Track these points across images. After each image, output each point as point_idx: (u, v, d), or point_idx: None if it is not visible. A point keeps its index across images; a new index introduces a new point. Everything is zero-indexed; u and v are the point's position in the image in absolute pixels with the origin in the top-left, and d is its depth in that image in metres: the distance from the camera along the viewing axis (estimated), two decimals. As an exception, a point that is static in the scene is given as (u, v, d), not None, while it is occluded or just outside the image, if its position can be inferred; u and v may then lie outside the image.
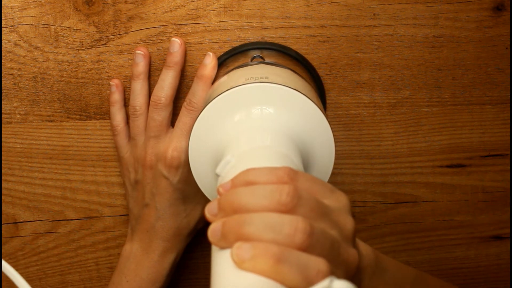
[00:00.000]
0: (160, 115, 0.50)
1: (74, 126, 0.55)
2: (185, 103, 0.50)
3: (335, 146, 0.57)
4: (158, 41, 0.54)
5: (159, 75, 0.55)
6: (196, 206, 0.50)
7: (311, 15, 0.55)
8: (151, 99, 0.51)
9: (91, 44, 0.54)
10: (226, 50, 0.54)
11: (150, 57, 0.53)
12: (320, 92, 0.51)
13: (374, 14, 0.55)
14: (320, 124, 0.43)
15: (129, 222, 0.53)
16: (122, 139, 0.52)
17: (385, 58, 0.56)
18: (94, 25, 0.54)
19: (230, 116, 0.42)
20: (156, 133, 0.50)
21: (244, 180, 0.30)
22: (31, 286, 0.57)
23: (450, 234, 0.59)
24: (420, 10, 0.55)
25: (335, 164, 0.57)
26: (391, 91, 0.56)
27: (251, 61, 0.50)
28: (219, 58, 0.52)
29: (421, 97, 0.57)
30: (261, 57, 0.51)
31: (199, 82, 0.49)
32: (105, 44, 0.54)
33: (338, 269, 0.28)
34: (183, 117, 0.50)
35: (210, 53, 0.50)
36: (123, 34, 0.54)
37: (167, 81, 0.51)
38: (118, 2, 0.54)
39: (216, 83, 0.49)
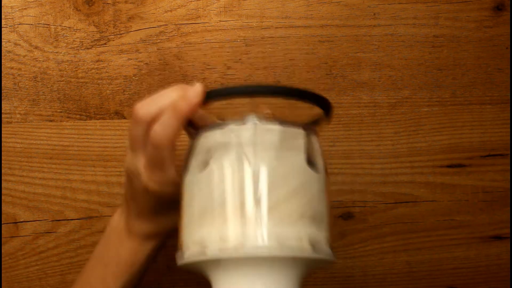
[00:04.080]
0: (136, 129, 0.43)
1: (74, 126, 0.55)
2: (151, 132, 0.41)
3: (335, 146, 0.57)
4: (158, 41, 0.54)
5: (158, 75, 0.55)
6: (171, 215, 0.46)
7: (311, 15, 0.55)
8: (136, 106, 0.43)
9: (91, 44, 0.54)
10: (226, 50, 0.54)
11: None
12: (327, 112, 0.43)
13: (374, 14, 0.55)
14: None
15: (123, 192, 0.50)
16: None
17: (385, 58, 0.56)
18: (94, 25, 0.54)
19: None
20: (132, 146, 0.44)
21: None
22: (31, 286, 0.57)
23: (450, 234, 0.59)
24: (420, 10, 0.55)
25: (335, 164, 0.57)
26: (391, 91, 0.56)
27: (260, 121, 0.40)
28: (210, 94, 0.40)
29: (421, 97, 0.57)
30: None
31: (172, 115, 0.40)
32: (105, 44, 0.54)
33: None
34: (148, 149, 0.42)
35: (199, 86, 0.40)
36: (123, 34, 0.54)
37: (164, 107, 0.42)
38: (118, 2, 0.54)
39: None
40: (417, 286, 0.59)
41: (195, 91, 0.40)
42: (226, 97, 0.40)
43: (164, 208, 0.46)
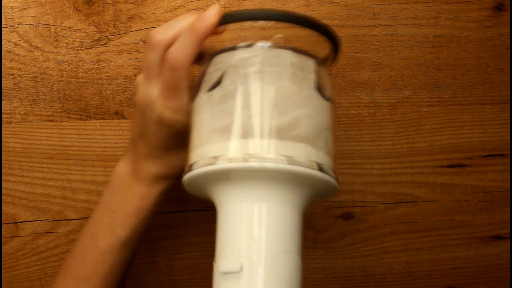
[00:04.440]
0: (151, 55, 0.43)
1: (74, 126, 0.55)
2: (168, 54, 0.42)
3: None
4: (158, 41, 0.54)
5: (159, 75, 0.55)
6: (181, 154, 0.45)
7: (311, 15, 0.55)
8: (151, 32, 0.43)
9: (91, 44, 0.54)
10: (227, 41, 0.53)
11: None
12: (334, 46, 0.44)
13: (374, 14, 0.55)
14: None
15: (130, 136, 0.49)
16: None
17: (385, 58, 0.56)
18: (94, 25, 0.54)
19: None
20: (147, 74, 0.44)
21: None
22: (31, 286, 0.57)
23: (450, 234, 0.59)
24: (420, 10, 0.55)
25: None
26: (391, 91, 0.56)
27: (272, 44, 0.41)
28: (226, 16, 0.41)
29: (421, 97, 0.57)
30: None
31: (189, 36, 0.41)
32: (105, 44, 0.54)
33: None
34: (165, 73, 0.42)
35: (216, 7, 0.41)
36: (123, 34, 0.54)
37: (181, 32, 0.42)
38: (118, 2, 0.54)
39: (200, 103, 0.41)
40: (417, 286, 0.59)
41: (212, 11, 0.41)
42: (241, 20, 0.41)
43: (174, 144, 0.45)
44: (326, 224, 0.58)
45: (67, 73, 0.55)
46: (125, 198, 0.48)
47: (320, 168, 0.38)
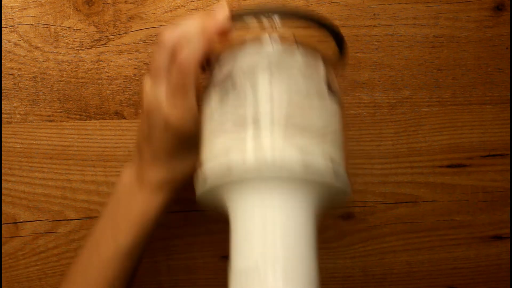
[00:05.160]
0: (160, 56, 0.42)
1: (74, 126, 0.55)
2: (178, 54, 0.42)
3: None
4: (158, 41, 0.54)
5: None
6: (186, 160, 0.46)
7: (311, 15, 0.55)
8: (161, 32, 0.43)
9: (91, 44, 0.54)
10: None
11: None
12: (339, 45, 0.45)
13: (374, 14, 0.55)
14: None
15: (135, 142, 0.49)
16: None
17: (385, 58, 0.56)
18: (94, 25, 0.54)
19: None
20: (154, 74, 0.43)
21: None
22: (31, 286, 0.57)
23: (450, 234, 0.59)
24: (420, 10, 0.55)
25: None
26: (391, 91, 0.56)
27: (281, 41, 0.42)
28: (235, 13, 0.41)
29: (421, 97, 0.57)
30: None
31: (199, 36, 0.41)
32: (105, 44, 0.54)
33: None
34: (173, 73, 0.42)
35: (224, 5, 0.41)
36: (123, 34, 0.54)
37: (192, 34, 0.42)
38: (118, 2, 0.54)
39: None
40: (417, 286, 0.59)
41: (221, 10, 0.40)
42: (252, 15, 0.41)
43: (180, 148, 0.45)
44: (326, 224, 0.58)
45: (67, 73, 0.55)
46: (129, 205, 0.47)
47: (333, 161, 0.38)
